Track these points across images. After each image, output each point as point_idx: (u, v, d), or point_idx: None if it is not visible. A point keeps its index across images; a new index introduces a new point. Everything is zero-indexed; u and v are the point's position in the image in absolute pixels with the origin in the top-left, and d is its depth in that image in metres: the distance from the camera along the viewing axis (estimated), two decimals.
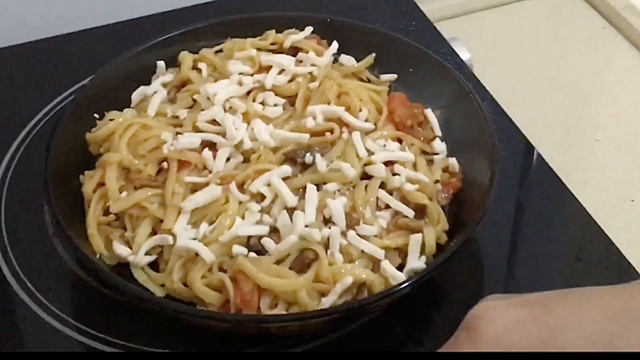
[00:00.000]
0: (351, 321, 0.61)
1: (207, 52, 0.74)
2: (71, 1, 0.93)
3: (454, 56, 0.86)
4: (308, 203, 0.60)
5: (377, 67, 0.75)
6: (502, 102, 0.80)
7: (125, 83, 0.72)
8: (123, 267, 0.61)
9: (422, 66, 0.74)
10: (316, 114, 0.66)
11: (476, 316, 0.43)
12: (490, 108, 0.79)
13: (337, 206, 0.60)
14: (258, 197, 0.61)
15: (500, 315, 0.42)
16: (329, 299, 0.56)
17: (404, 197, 0.62)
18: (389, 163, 0.64)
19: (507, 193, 0.72)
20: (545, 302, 0.43)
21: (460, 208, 0.65)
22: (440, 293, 0.64)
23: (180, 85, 0.72)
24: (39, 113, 0.80)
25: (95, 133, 0.67)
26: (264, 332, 0.59)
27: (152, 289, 0.60)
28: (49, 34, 0.90)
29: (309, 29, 0.76)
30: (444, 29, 0.90)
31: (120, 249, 0.61)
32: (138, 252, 0.60)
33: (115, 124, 0.66)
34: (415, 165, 0.66)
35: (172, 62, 0.75)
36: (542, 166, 0.75)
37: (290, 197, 0.60)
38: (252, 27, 0.76)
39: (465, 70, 0.84)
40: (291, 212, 0.60)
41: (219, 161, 0.63)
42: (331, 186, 0.62)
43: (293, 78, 0.71)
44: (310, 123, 0.66)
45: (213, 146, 0.64)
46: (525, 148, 0.77)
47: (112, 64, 0.73)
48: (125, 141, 0.65)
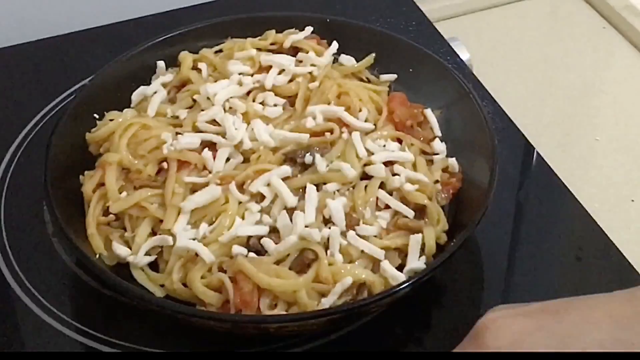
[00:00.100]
0: (351, 321, 0.61)
1: (207, 52, 0.74)
2: (71, 1, 0.93)
3: (454, 56, 0.86)
4: (308, 203, 0.60)
5: (377, 67, 0.75)
6: (502, 102, 0.80)
7: (125, 83, 0.72)
8: (123, 267, 0.61)
9: (422, 66, 0.74)
10: (316, 114, 0.66)
11: (484, 327, 0.42)
12: (490, 108, 0.79)
13: (337, 206, 0.60)
14: (258, 197, 0.61)
15: (508, 325, 0.42)
16: (329, 299, 0.56)
17: (404, 197, 0.62)
18: (389, 163, 0.64)
19: (507, 193, 0.72)
20: (553, 311, 0.42)
21: (460, 208, 0.65)
22: (440, 293, 0.64)
23: (180, 85, 0.72)
24: (39, 113, 0.80)
25: (95, 133, 0.67)
26: (264, 333, 0.59)
27: (152, 289, 0.59)
28: (49, 34, 0.90)
29: (309, 29, 0.76)
30: (444, 29, 0.90)
31: (119, 249, 0.60)
32: (138, 253, 0.60)
33: (115, 124, 0.66)
34: (415, 165, 0.66)
35: (172, 62, 0.75)
36: (542, 166, 0.75)
37: (290, 197, 0.60)
38: (252, 27, 0.76)
39: (464, 70, 0.84)
40: (291, 212, 0.60)
41: (219, 161, 0.63)
42: (331, 186, 0.62)
43: (293, 78, 0.71)
44: (310, 123, 0.66)
45: (213, 146, 0.64)
46: (525, 148, 0.77)
47: (112, 64, 0.73)
48: (125, 141, 0.64)
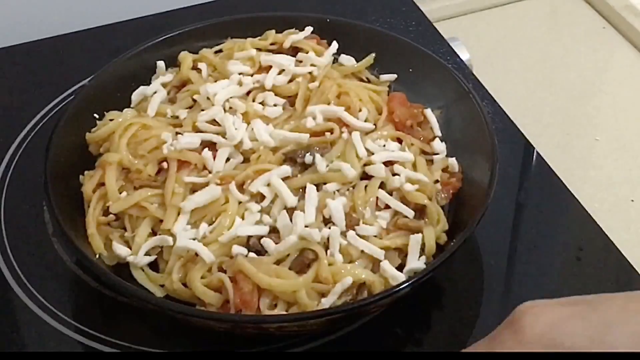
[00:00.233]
0: (351, 321, 0.61)
1: (207, 52, 0.74)
2: (71, 1, 0.93)
3: (454, 56, 0.86)
4: (308, 203, 0.60)
5: (377, 67, 0.75)
6: (502, 102, 0.80)
7: (125, 83, 0.72)
8: (122, 267, 0.61)
9: (422, 66, 0.74)
10: (316, 114, 0.66)
11: (521, 312, 0.42)
12: (489, 108, 0.79)
13: (337, 206, 0.60)
14: (258, 197, 0.61)
15: (545, 312, 0.42)
16: (329, 300, 0.56)
17: (404, 197, 0.62)
18: (389, 163, 0.64)
19: (507, 193, 0.72)
20: (590, 302, 0.42)
21: (460, 208, 0.65)
22: (440, 293, 0.64)
23: (180, 85, 0.72)
24: (39, 113, 0.80)
25: (95, 133, 0.67)
26: (264, 333, 0.59)
27: (152, 289, 0.59)
28: (49, 34, 0.90)
29: (309, 29, 0.76)
30: (444, 29, 0.90)
31: (119, 249, 0.60)
32: (138, 253, 0.60)
33: (115, 124, 0.66)
34: (415, 165, 0.66)
35: (172, 62, 0.75)
36: (542, 166, 0.75)
37: (290, 197, 0.60)
38: (252, 27, 0.76)
39: (464, 70, 0.84)
40: (291, 212, 0.60)
41: (219, 161, 0.63)
42: (331, 186, 0.62)
43: (293, 78, 0.71)
44: (310, 123, 0.66)
45: (213, 146, 0.64)
46: (525, 148, 0.77)
47: (112, 64, 0.73)
48: (125, 141, 0.64)
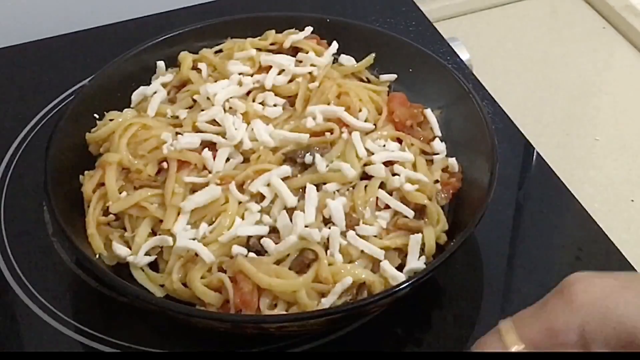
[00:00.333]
0: (351, 321, 0.61)
1: (207, 52, 0.74)
2: (71, 1, 0.93)
3: (454, 56, 0.86)
4: (308, 203, 0.60)
5: (377, 67, 0.75)
6: (502, 102, 0.80)
7: (125, 83, 0.72)
8: (122, 267, 0.61)
9: (422, 66, 0.74)
10: (316, 114, 0.66)
11: (572, 281, 0.42)
12: (489, 108, 0.79)
13: (337, 206, 0.60)
14: (258, 197, 0.61)
15: (596, 282, 0.42)
16: (329, 299, 0.56)
17: (404, 197, 0.62)
18: (389, 163, 0.64)
19: (507, 193, 0.72)
20: (637, 276, 0.43)
21: (460, 208, 0.65)
22: (440, 293, 0.64)
23: (180, 85, 0.72)
24: (39, 113, 0.80)
25: (95, 133, 0.67)
26: (264, 333, 0.59)
27: (152, 289, 0.59)
28: (49, 34, 0.90)
29: (309, 29, 0.76)
30: (444, 29, 0.90)
31: (119, 249, 0.60)
32: (138, 253, 0.60)
33: (115, 124, 0.66)
34: (414, 165, 0.66)
35: (172, 62, 0.75)
36: (542, 166, 0.75)
37: (289, 197, 0.60)
38: (252, 27, 0.76)
39: (464, 70, 0.84)
40: (291, 212, 0.60)
41: (219, 161, 0.63)
42: (331, 186, 0.62)
43: (293, 78, 0.71)
44: (310, 123, 0.66)
45: (213, 146, 0.64)
46: (525, 148, 0.77)
47: (112, 64, 0.73)
48: (125, 141, 0.65)
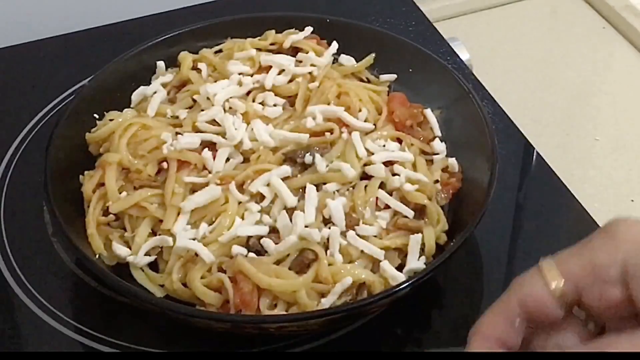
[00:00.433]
0: (351, 321, 0.61)
1: (207, 52, 0.74)
2: (71, 1, 0.93)
3: (454, 56, 0.86)
4: (308, 203, 0.60)
5: (377, 67, 0.75)
6: (502, 102, 0.80)
7: (125, 83, 0.72)
8: (122, 267, 0.61)
9: (422, 66, 0.74)
10: (316, 114, 0.66)
11: (615, 222, 0.42)
12: (489, 108, 0.79)
13: (337, 206, 0.60)
14: (257, 197, 0.61)
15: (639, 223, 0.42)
16: (329, 300, 0.56)
17: (404, 197, 0.62)
18: (389, 163, 0.64)
19: (507, 193, 0.72)
20: None
21: (459, 208, 0.65)
22: (440, 293, 0.64)
23: (180, 85, 0.72)
24: (39, 113, 0.80)
25: (95, 133, 0.67)
26: (264, 333, 0.59)
27: (152, 289, 0.59)
28: (49, 34, 0.90)
29: (309, 29, 0.76)
30: (444, 29, 0.90)
31: (119, 249, 0.60)
32: (138, 253, 0.60)
33: (115, 124, 0.66)
34: (414, 165, 0.66)
35: (172, 62, 0.75)
36: (542, 166, 0.75)
37: (289, 198, 0.60)
38: (252, 27, 0.76)
39: (464, 70, 0.84)
40: (291, 213, 0.60)
41: (219, 161, 0.63)
42: (331, 186, 0.62)
43: (293, 78, 0.71)
44: (310, 123, 0.66)
45: (213, 146, 0.64)
46: (524, 148, 0.77)
47: (112, 64, 0.73)
48: (125, 141, 0.65)
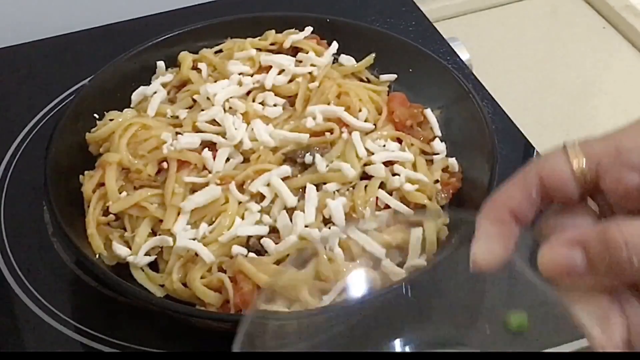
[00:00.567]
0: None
1: (207, 52, 0.74)
2: (71, 1, 0.93)
3: (454, 56, 0.86)
4: (308, 203, 0.60)
5: (377, 67, 0.75)
6: (502, 102, 0.80)
7: (125, 83, 0.72)
8: (122, 267, 0.61)
9: (422, 66, 0.74)
10: (316, 114, 0.66)
11: None
12: (489, 108, 0.79)
13: (337, 206, 0.60)
14: (258, 197, 0.62)
15: None
16: (329, 297, 0.56)
17: (404, 197, 0.62)
18: (389, 163, 0.64)
19: None
20: None
21: (459, 208, 0.65)
22: (440, 292, 0.64)
23: (180, 85, 0.72)
24: (39, 113, 0.80)
25: (95, 133, 0.67)
26: None
27: (152, 289, 0.60)
28: (49, 34, 0.90)
29: (309, 29, 0.76)
30: (444, 29, 0.90)
31: (119, 249, 0.61)
32: (138, 253, 0.60)
33: (115, 124, 0.66)
34: (414, 165, 0.66)
35: (172, 62, 0.75)
36: None
37: (289, 197, 0.60)
38: (252, 27, 0.76)
39: (464, 70, 0.83)
40: (291, 212, 0.60)
41: (219, 161, 0.63)
42: (331, 186, 0.62)
43: (293, 78, 0.71)
44: (310, 123, 0.66)
45: (213, 146, 0.64)
46: (524, 148, 0.77)
47: (112, 64, 0.73)
48: (125, 141, 0.65)
